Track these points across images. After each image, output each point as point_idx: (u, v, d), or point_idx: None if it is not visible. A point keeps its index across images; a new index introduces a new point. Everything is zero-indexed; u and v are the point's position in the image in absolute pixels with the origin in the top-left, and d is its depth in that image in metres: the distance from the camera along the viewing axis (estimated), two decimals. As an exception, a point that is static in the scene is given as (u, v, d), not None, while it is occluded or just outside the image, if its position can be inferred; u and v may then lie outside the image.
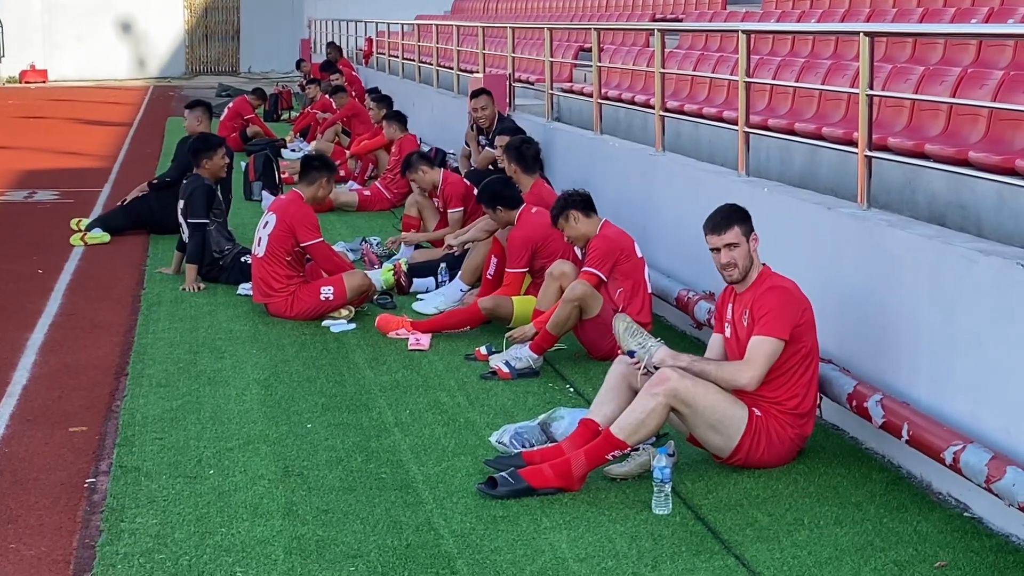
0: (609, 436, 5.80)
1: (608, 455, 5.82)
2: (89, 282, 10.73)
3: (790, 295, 6.05)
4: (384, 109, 15.62)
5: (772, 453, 6.03)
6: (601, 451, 5.81)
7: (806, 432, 6.18)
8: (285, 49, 42.15)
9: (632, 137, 11.78)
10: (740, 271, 6.12)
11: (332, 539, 5.30)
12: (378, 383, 7.63)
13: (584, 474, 5.81)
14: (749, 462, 6.02)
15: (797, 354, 6.03)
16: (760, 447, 5.99)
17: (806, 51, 11.09)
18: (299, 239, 9.22)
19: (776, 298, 6.01)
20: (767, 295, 6.03)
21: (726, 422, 5.93)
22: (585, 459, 5.80)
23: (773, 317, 5.95)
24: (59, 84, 41.00)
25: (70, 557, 5.21)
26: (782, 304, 5.99)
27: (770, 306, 5.97)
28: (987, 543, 5.23)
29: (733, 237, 6.09)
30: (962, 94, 7.93)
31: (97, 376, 7.89)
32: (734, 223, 6.12)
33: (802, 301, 6.09)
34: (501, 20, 22.88)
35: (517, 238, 8.73)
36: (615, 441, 5.78)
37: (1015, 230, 6.89)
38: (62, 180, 17.24)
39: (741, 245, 6.10)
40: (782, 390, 6.04)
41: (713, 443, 6.02)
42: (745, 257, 6.11)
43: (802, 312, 6.05)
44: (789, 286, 6.10)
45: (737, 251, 6.09)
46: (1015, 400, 5.33)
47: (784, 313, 5.97)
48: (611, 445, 5.79)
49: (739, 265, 6.10)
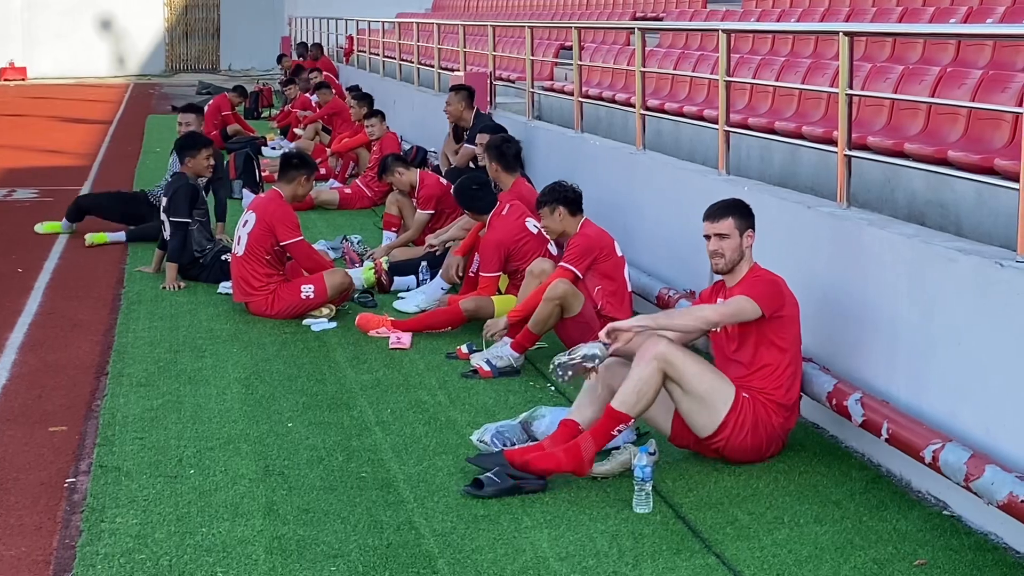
0: (612, 412, 5.85)
1: (614, 430, 5.86)
2: (69, 281, 10.70)
3: (776, 285, 6.16)
4: (365, 107, 15.61)
5: (755, 438, 6.04)
6: (607, 428, 5.86)
7: (789, 425, 6.22)
8: (265, 47, 42.06)
9: (613, 136, 11.80)
10: (726, 263, 6.20)
11: (313, 538, 5.30)
12: (359, 382, 7.63)
13: (593, 455, 5.84)
14: (731, 445, 6.02)
15: (783, 341, 6.10)
16: (744, 428, 6.00)
17: (786, 50, 11.13)
18: (279, 238, 9.21)
19: (761, 283, 6.14)
20: (755, 282, 6.16)
21: (714, 395, 5.97)
22: (593, 439, 5.86)
23: (757, 293, 6.07)
24: (38, 82, 40.81)
25: (50, 557, 5.19)
26: (766, 287, 6.12)
27: (758, 288, 6.10)
28: (966, 541, 5.26)
29: (726, 228, 6.19)
30: (941, 93, 7.96)
31: (77, 375, 7.87)
32: (730, 215, 6.22)
33: (788, 294, 6.18)
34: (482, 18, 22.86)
35: (490, 242, 8.74)
36: (618, 415, 5.83)
37: (994, 229, 6.92)
38: (41, 178, 17.17)
39: (732, 237, 6.18)
40: (769, 380, 6.09)
41: (699, 419, 6.02)
42: (734, 250, 6.18)
43: (785, 302, 6.14)
44: (777, 279, 6.20)
45: (726, 242, 6.18)
46: (994, 399, 5.36)
47: (767, 293, 6.08)
48: (616, 420, 5.84)
49: (726, 256, 6.19)
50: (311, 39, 31.92)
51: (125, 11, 44.21)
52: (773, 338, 6.09)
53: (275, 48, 38.02)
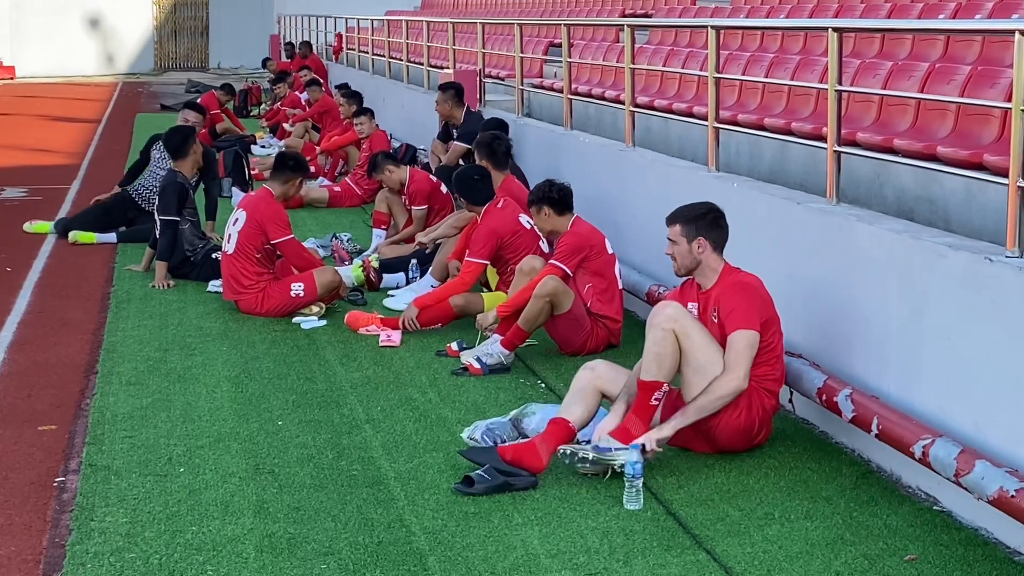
0: (642, 384, 5.94)
1: (652, 399, 5.94)
2: (58, 279, 10.67)
3: (754, 290, 6.17)
4: (354, 105, 15.60)
5: (748, 419, 6.07)
6: (645, 400, 5.94)
7: (776, 406, 6.27)
8: (254, 45, 41.96)
9: (602, 133, 11.79)
10: (678, 266, 6.30)
11: (303, 537, 5.29)
12: (349, 380, 7.62)
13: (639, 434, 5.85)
14: (724, 422, 6.02)
15: (768, 335, 6.13)
16: (739, 406, 6.03)
17: (775, 47, 11.12)
18: (269, 236, 9.20)
19: (740, 294, 6.13)
20: (730, 292, 6.15)
21: (715, 367, 5.99)
22: (637, 417, 5.94)
23: (743, 311, 6.06)
24: (27, 80, 40.71)
25: (40, 556, 5.17)
26: (748, 299, 6.12)
27: (735, 303, 6.10)
28: (956, 536, 5.26)
29: (671, 234, 6.28)
30: (930, 89, 7.96)
31: (66, 374, 7.85)
32: (676, 222, 6.29)
33: (765, 297, 6.20)
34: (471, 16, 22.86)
35: (485, 228, 8.71)
36: (649, 384, 5.92)
37: (983, 224, 6.92)
38: (30, 177, 17.13)
39: (679, 244, 6.25)
40: (761, 369, 6.12)
41: (697, 390, 6.03)
42: (684, 256, 6.24)
43: (765, 305, 6.16)
44: (752, 282, 6.21)
45: (675, 248, 6.27)
46: (983, 394, 5.37)
47: (753, 308, 6.09)
48: (650, 389, 5.93)
49: (676, 260, 6.28)
50: (300, 37, 31.86)
51: (113, 9, 44.13)
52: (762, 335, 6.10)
53: (264, 46, 37.92)
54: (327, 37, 30.76)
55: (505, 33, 17.60)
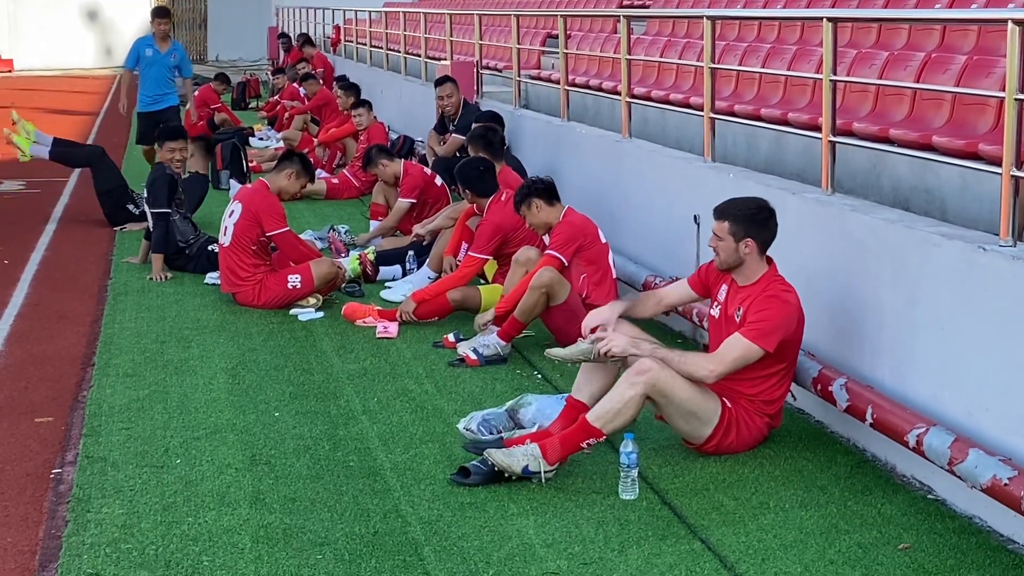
0: (585, 424, 5.77)
1: (583, 443, 5.79)
2: (55, 272, 10.68)
3: (790, 309, 5.99)
4: (352, 97, 15.58)
5: (741, 441, 6.08)
6: (576, 439, 5.78)
7: (775, 424, 6.23)
8: (252, 37, 41.91)
9: (599, 124, 11.79)
10: (721, 262, 6.14)
11: (299, 527, 5.30)
12: (346, 371, 7.63)
13: (558, 460, 5.76)
14: (720, 450, 6.06)
15: (781, 363, 6.05)
16: (731, 437, 6.03)
17: (772, 37, 11.11)
18: (265, 228, 9.20)
19: (777, 310, 5.95)
20: (769, 303, 5.97)
21: (700, 414, 5.95)
22: (561, 446, 5.78)
23: (766, 328, 5.90)
24: (25, 73, 40.67)
25: (36, 547, 5.19)
26: (782, 318, 5.94)
27: (767, 315, 5.92)
28: (950, 525, 5.28)
29: (719, 229, 6.11)
30: (926, 79, 7.96)
31: (63, 366, 7.86)
32: (726, 218, 6.10)
33: (799, 316, 6.05)
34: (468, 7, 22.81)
35: (490, 223, 8.71)
36: (592, 430, 5.76)
37: (978, 214, 6.93)
38: (28, 170, 17.07)
39: (725, 240, 6.08)
40: (757, 389, 6.07)
41: (685, 431, 6.05)
42: (728, 252, 6.08)
43: (795, 327, 6.03)
44: (791, 300, 6.02)
45: (720, 244, 6.10)
46: (977, 383, 5.38)
47: (779, 328, 5.93)
48: (588, 433, 5.76)
49: (720, 256, 6.12)
50: (299, 29, 31.83)
51: (111, 2, 44.06)
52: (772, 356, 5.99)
53: (262, 38, 37.85)
54: (325, 29, 30.73)
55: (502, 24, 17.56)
